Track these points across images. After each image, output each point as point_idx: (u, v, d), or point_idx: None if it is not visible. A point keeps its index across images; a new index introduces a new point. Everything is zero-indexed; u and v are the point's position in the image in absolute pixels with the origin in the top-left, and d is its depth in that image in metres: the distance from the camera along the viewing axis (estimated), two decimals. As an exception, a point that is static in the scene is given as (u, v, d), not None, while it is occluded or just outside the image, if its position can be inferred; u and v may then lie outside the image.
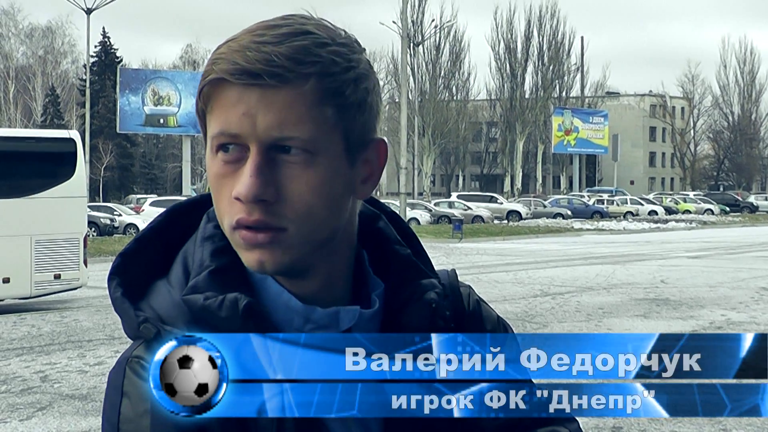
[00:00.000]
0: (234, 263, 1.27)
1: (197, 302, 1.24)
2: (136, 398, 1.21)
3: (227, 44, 1.22)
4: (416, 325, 1.31)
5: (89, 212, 29.27)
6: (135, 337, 1.27)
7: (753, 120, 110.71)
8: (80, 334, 13.70)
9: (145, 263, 1.32)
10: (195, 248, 1.30)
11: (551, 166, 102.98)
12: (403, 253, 1.37)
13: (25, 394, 9.88)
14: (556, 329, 14.06)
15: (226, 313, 1.22)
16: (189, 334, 1.20)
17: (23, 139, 18.56)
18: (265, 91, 1.19)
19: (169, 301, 1.27)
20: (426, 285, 1.35)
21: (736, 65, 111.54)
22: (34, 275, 16.58)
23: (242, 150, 1.21)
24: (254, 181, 1.19)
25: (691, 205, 72.04)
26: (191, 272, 1.28)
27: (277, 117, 1.20)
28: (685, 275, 22.90)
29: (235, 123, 1.20)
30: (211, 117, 1.23)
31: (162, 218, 1.37)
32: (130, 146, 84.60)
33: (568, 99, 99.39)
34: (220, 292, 1.24)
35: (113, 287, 1.29)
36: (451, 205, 57.72)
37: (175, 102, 57.52)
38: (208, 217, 1.33)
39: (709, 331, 13.95)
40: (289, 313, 1.26)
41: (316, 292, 1.29)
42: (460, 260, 28.74)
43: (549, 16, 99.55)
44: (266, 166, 1.20)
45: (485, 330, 1.42)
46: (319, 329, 1.27)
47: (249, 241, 1.22)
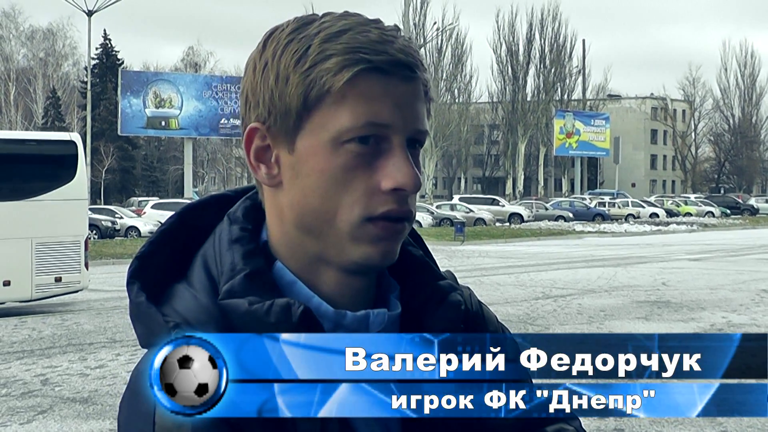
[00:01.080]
0: (264, 267, 1.26)
1: (240, 307, 1.20)
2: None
3: (349, 35, 1.21)
4: (442, 328, 1.29)
5: (90, 215, 29.33)
6: (157, 344, 1.22)
7: (754, 123, 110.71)
8: (81, 337, 13.70)
9: (160, 266, 1.29)
10: (220, 251, 1.27)
11: (553, 168, 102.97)
12: (416, 254, 1.36)
13: (25, 397, 9.87)
14: (558, 331, 14.05)
15: (276, 318, 1.19)
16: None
17: (24, 142, 18.57)
18: (407, 84, 1.22)
19: (196, 306, 1.23)
20: (446, 286, 1.34)
21: (737, 68, 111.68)
22: (34, 278, 16.57)
23: (381, 142, 1.21)
24: (415, 172, 1.21)
25: (692, 208, 72.01)
26: (217, 276, 1.25)
27: (419, 110, 1.23)
28: (686, 277, 22.90)
29: (386, 114, 1.20)
30: (340, 107, 1.20)
31: (174, 220, 1.34)
32: (131, 149, 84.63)
33: (569, 102, 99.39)
34: (258, 296, 1.21)
35: (135, 292, 1.25)
36: (453, 208, 57.72)
37: (176, 104, 57.51)
38: (230, 219, 1.30)
39: (710, 332, 13.95)
40: (319, 319, 1.23)
41: (342, 290, 1.27)
42: (462, 263, 28.74)
43: (551, 19, 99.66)
44: (410, 158, 1.22)
45: (489, 330, 1.42)
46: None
47: (389, 231, 1.22)
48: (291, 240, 1.26)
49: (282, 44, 1.24)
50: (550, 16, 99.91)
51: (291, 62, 1.22)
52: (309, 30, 1.23)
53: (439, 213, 54.72)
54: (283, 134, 1.23)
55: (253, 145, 1.26)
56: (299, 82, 1.21)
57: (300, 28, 1.24)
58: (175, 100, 57.45)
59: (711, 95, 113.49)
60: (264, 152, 1.26)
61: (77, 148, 17.38)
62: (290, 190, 1.24)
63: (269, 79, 1.23)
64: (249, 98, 1.27)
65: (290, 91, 1.22)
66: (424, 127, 1.24)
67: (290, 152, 1.23)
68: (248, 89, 1.27)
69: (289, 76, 1.22)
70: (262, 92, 1.24)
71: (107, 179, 77.04)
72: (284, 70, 1.22)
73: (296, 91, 1.21)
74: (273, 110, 1.23)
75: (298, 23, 1.25)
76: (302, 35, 1.23)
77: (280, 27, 1.27)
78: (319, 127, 1.21)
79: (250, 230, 1.29)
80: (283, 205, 1.25)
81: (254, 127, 1.26)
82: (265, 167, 1.26)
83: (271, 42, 1.25)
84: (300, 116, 1.22)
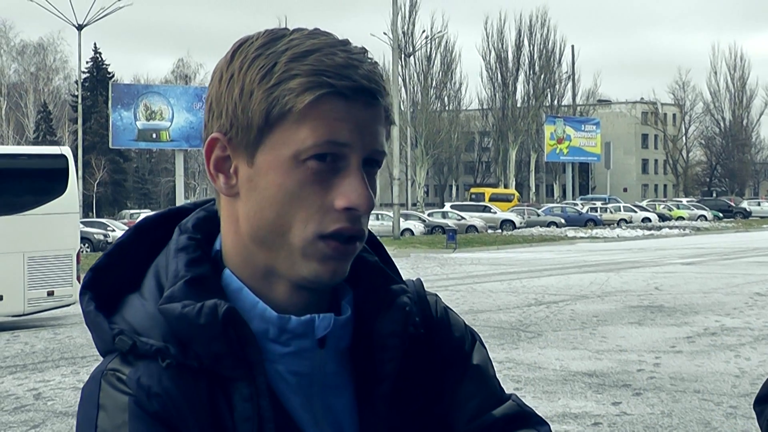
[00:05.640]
0: (209, 274, 1.28)
1: (174, 311, 1.23)
2: (113, 410, 1.20)
3: (315, 56, 1.23)
4: (390, 331, 1.32)
5: (82, 228, 29.28)
6: (108, 351, 1.27)
7: (744, 125, 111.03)
8: (74, 351, 13.66)
9: (116, 278, 1.32)
10: (168, 260, 1.30)
11: (544, 174, 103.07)
12: (370, 260, 1.37)
13: (18, 412, 9.84)
14: (551, 338, 14.06)
15: (205, 320, 1.22)
16: (165, 344, 1.22)
17: (15, 156, 18.56)
18: (369, 109, 1.24)
19: (143, 313, 1.26)
20: (396, 290, 1.35)
21: (727, 71, 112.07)
22: (27, 292, 16.53)
23: (338, 161, 1.23)
24: (368, 193, 1.23)
25: (685, 212, 72.15)
26: (165, 284, 1.28)
27: (378, 132, 1.25)
28: (679, 282, 22.92)
29: (346, 134, 1.22)
30: (301, 126, 1.22)
31: (131, 233, 1.37)
32: (122, 161, 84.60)
33: (559, 107, 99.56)
34: (197, 301, 1.23)
35: (86, 301, 1.30)
36: (445, 215, 57.78)
37: (167, 116, 57.42)
38: (180, 230, 1.32)
39: (703, 337, 13.97)
40: (264, 323, 1.26)
41: (293, 301, 1.28)
42: (455, 270, 28.74)
43: (539, 25, 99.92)
44: (365, 178, 1.24)
45: (453, 337, 1.42)
46: (295, 338, 1.27)
47: (339, 251, 1.24)
48: (244, 250, 1.28)
49: (249, 58, 1.25)
50: (538, 22, 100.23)
51: (256, 77, 1.23)
52: (277, 46, 1.24)
53: (431, 221, 54.75)
54: (243, 147, 1.25)
55: (213, 154, 1.28)
56: (263, 99, 1.23)
57: (269, 43, 1.25)
58: (165, 112, 57.39)
59: (701, 99, 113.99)
60: (223, 162, 1.28)
61: (68, 162, 17.36)
62: (247, 201, 1.26)
63: (234, 91, 1.25)
64: (213, 107, 1.28)
65: (253, 106, 1.23)
66: (382, 148, 1.26)
67: (249, 165, 1.25)
68: (213, 98, 1.28)
69: (253, 91, 1.23)
70: (225, 103, 1.26)
71: (99, 192, 76.97)
72: (249, 84, 1.24)
73: (259, 107, 1.23)
74: (235, 123, 1.25)
75: (267, 38, 1.26)
76: (270, 51, 1.24)
77: (250, 39, 1.28)
78: (279, 144, 1.23)
79: (198, 239, 1.31)
80: (238, 215, 1.27)
81: (215, 137, 1.28)
82: (224, 177, 1.28)
83: (239, 54, 1.26)
84: (261, 131, 1.23)
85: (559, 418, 9.08)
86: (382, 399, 1.32)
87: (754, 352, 12.59)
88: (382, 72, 1.28)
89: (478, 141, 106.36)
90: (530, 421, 1.40)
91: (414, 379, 1.35)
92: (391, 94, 1.30)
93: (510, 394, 1.43)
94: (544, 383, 10.77)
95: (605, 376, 11.15)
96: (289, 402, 1.27)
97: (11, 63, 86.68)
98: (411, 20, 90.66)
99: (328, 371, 1.30)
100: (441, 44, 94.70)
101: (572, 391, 10.38)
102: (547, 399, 9.93)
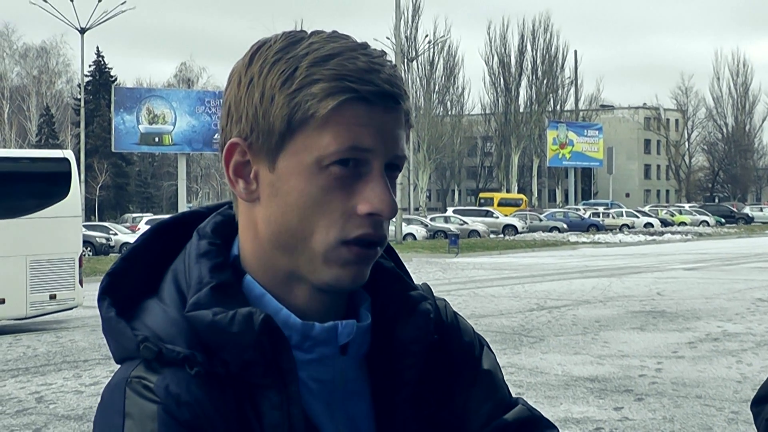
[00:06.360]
0: (231, 280, 1.26)
1: (205, 318, 1.21)
2: (141, 419, 1.18)
3: (337, 61, 1.22)
4: (412, 337, 1.31)
5: (85, 232, 29.28)
6: (126, 358, 1.24)
7: (747, 131, 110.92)
8: (76, 354, 13.67)
9: (133, 282, 1.30)
10: (189, 265, 1.28)
11: (546, 179, 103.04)
12: (387, 266, 1.37)
13: (20, 415, 9.85)
14: (553, 343, 14.05)
15: (239, 328, 1.20)
16: (191, 351, 1.20)
17: (18, 160, 18.57)
18: (390, 113, 1.23)
19: (166, 320, 1.24)
20: (416, 296, 1.35)
21: (729, 77, 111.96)
22: (29, 296, 16.54)
23: (361, 166, 1.22)
24: (391, 198, 1.22)
25: (687, 217, 72.10)
26: (186, 290, 1.26)
27: (399, 137, 1.24)
28: (681, 287, 22.91)
29: (368, 139, 1.21)
30: (323, 131, 1.21)
31: (147, 236, 1.35)
32: (125, 165, 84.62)
33: (562, 112, 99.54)
34: (224, 308, 1.22)
35: (105, 307, 1.27)
36: (447, 220, 57.76)
37: (170, 120, 57.41)
38: (199, 234, 1.31)
39: (705, 342, 13.96)
40: (287, 330, 1.25)
41: (313, 305, 1.28)
42: (457, 275, 28.73)
43: (542, 30, 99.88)
44: (387, 184, 1.24)
45: (464, 342, 1.42)
46: (318, 345, 1.26)
47: (361, 256, 1.23)
48: (264, 255, 1.27)
49: (269, 62, 1.23)
50: (541, 27, 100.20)
51: (277, 82, 1.22)
52: (297, 50, 1.23)
53: (433, 225, 54.74)
54: (264, 152, 1.24)
55: (233, 159, 1.27)
56: (284, 104, 1.22)
57: (288, 47, 1.24)
58: (168, 116, 57.38)
59: (704, 104, 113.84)
60: (243, 167, 1.26)
61: (71, 166, 17.38)
62: (268, 206, 1.24)
63: (254, 95, 1.23)
64: (231, 111, 1.26)
65: (275, 111, 1.22)
66: (403, 153, 1.26)
67: (271, 170, 1.24)
68: (231, 102, 1.26)
69: (274, 96, 1.22)
70: (245, 108, 1.24)
71: (101, 196, 76.98)
72: (270, 89, 1.22)
73: (281, 113, 1.22)
74: (256, 128, 1.24)
75: (286, 41, 1.25)
76: (290, 55, 1.23)
77: (268, 42, 1.26)
78: (301, 149, 1.22)
79: (218, 245, 1.29)
80: (258, 220, 1.26)
81: (235, 142, 1.26)
82: (244, 182, 1.26)
83: (258, 57, 1.25)
84: (283, 137, 1.22)
85: (561, 423, 9.07)
86: (402, 405, 1.32)
87: (756, 358, 12.58)
88: (401, 75, 1.28)
89: (480, 146, 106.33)
90: (540, 425, 1.41)
91: (427, 384, 1.35)
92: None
93: (517, 398, 1.43)
94: (546, 388, 10.77)
95: (607, 381, 11.15)
96: (312, 409, 1.26)
97: (14, 66, 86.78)
98: (414, 25, 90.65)
99: (348, 378, 1.29)
100: (444, 49, 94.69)
101: (574, 396, 10.38)
102: (549, 404, 9.93)
